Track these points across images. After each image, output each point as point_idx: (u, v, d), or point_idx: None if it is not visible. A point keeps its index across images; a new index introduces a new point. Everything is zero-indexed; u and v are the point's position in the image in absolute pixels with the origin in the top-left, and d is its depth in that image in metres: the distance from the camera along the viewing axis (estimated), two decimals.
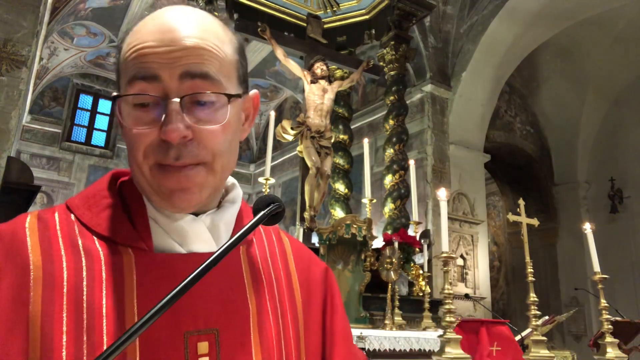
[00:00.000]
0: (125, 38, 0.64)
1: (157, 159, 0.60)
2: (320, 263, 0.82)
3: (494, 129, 8.77)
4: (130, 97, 0.60)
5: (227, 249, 0.53)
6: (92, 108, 10.91)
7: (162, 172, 0.60)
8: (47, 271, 0.57)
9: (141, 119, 0.60)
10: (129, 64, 0.61)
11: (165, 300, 0.48)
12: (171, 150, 0.59)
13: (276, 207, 0.59)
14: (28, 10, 3.98)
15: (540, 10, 7.12)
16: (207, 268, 0.51)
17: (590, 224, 3.18)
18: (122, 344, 0.44)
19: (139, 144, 0.60)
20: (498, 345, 2.88)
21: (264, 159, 3.95)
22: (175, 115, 0.58)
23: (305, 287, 0.75)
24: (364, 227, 3.76)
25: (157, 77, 0.59)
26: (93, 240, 0.62)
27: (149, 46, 0.60)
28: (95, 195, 0.66)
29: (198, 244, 0.65)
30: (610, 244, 8.12)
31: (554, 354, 3.36)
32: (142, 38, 0.61)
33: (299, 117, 5.20)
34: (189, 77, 0.60)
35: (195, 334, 0.60)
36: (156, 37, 0.60)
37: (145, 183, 0.62)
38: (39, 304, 0.55)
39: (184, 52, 0.60)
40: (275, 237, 0.78)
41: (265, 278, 0.70)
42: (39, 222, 0.62)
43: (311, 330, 0.73)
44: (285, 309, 0.70)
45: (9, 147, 3.71)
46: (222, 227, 0.68)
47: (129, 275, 0.60)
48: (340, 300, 0.80)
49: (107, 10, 8.24)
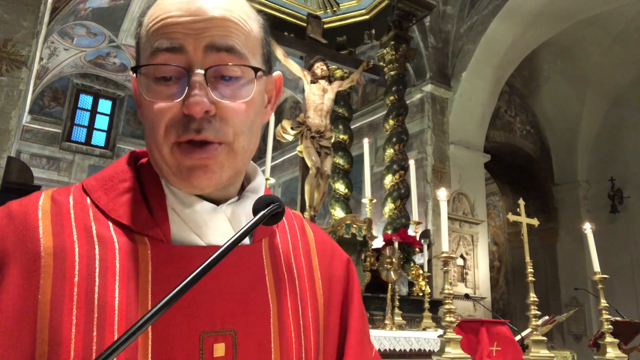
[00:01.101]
0: (147, 11, 0.61)
1: (178, 134, 0.57)
2: (342, 255, 0.78)
3: (494, 129, 8.77)
4: (151, 70, 0.58)
5: (231, 245, 0.51)
6: (92, 108, 10.91)
7: (181, 151, 0.57)
8: (58, 259, 0.54)
9: (163, 93, 0.58)
10: (150, 36, 0.59)
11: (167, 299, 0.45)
12: (192, 124, 0.57)
13: (276, 207, 0.58)
14: (28, 10, 3.98)
15: (540, 10, 7.12)
16: (210, 265, 0.48)
17: (590, 224, 3.18)
18: (126, 340, 0.42)
19: (160, 120, 0.57)
20: (498, 345, 2.88)
21: (264, 159, 3.94)
22: (199, 88, 0.56)
23: (327, 283, 0.72)
24: (364, 227, 3.76)
25: (181, 49, 0.57)
26: (108, 227, 0.58)
27: (173, 16, 0.58)
28: (113, 177, 0.63)
29: (218, 237, 0.61)
30: (610, 244, 8.12)
31: (554, 354, 3.36)
32: (165, 8, 0.59)
33: (299, 117, 5.20)
34: (214, 49, 0.58)
35: (212, 335, 0.57)
36: (181, 7, 0.58)
37: (164, 163, 0.59)
38: (48, 294, 0.52)
39: (209, 22, 0.58)
40: (298, 228, 0.75)
41: (287, 274, 0.67)
42: (53, 203, 0.59)
43: (330, 327, 0.70)
44: (307, 308, 0.67)
45: (9, 147, 3.71)
46: (244, 218, 0.64)
47: (144, 266, 0.57)
48: (359, 294, 0.76)
49: (107, 10, 8.24)
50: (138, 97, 0.62)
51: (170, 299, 0.45)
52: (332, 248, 0.77)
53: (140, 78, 0.59)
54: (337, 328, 0.71)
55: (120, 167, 0.64)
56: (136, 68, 0.59)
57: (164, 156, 0.58)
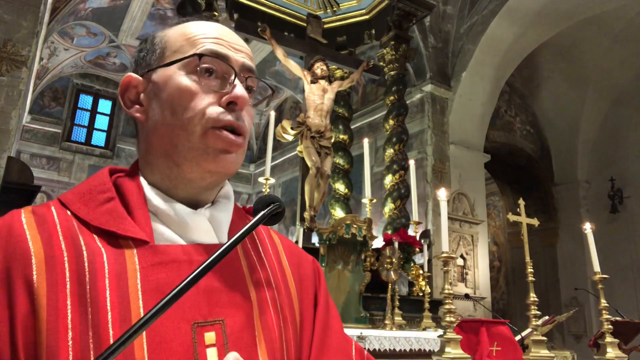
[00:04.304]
0: (166, 30, 0.74)
1: (219, 119, 0.67)
2: (307, 256, 0.84)
3: (494, 129, 8.77)
4: (195, 63, 0.68)
5: (232, 244, 0.55)
6: (92, 108, 10.90)
7: (216, 135, 0.67)
8: (49, 266, 0.57)
9: (207, 84, 0.68)
10: (194, 41, 0.70)
11: (173, 293, 0.49)
12: (233, 113, 0.68)
13: (276, 207, 0.60)
14: (28, 10, 3.98)
15: (540, 10, 7.12)
16: (214, 262, 0.52)
17: (590, 224, 3.18)
18: (130, 337, 0.44)
19: (200, 105, 0.67)
20: (498, 345, 2.88)
21: (264, 159, 3.95)
22: (243, 87, 0.70)
23: (298, 281, 0.77)
24: (364, 227, 3.76)
25: (227, 57, 0.70)
26: (92, 236, 0.62)
27: (219, 35, 0.72)
28: (91, 190, 0.67)
29: (199, 235, 0.67)
30: (610, 244, 8.12)
31: (554, 354, 3.36)
32: (208, 29, 0.72)
33: (299, 117, 5.20)
34: (246, 69, 0.73)
35: (202, 325, 0.61)
36: (222, 32, 0.73)
37: (189, 147, 0.66)
38: (44, 299, 0.55)
39: (242, 48, 0.74)
40: (266, 235, 0.81)
41: (262, 271, 0.72)
42: (35, 216, 0.62)
43: (305, 322, 0.75)
44: (284, 301, 0.72)
45: (9, 147, 3.71)
46: (222, 219, 0.71)
47: (132, 267, 0.60)
48: (325, 290, 0.82)
49: (107, 10, 8.24)
50: (156, 91, 0.69)
51: (173, 295, 0.48)
52: (298, 251, 0.84)
53: (165, 71, 0.69)
54: (311, 323, 0.76)
55: (98, 181, 0.69)
56: (199, 55, 0.69)
57: (193, 139, 0.66)
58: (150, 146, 0.69)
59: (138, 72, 0.72)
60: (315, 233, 4.51)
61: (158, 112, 0.68)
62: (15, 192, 3.67)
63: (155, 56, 0.71)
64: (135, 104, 0.71)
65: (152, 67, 0.70)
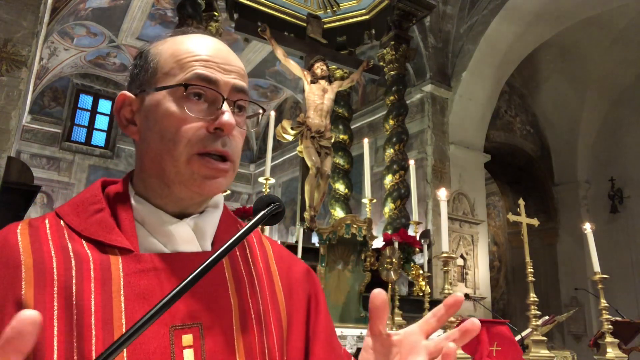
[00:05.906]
0: (159, 45, 0.73)
1: (204, 145, 0.67)
2: (301, 263, 0.85)
3: (494, 129, 8.77)
4: (182, 90, 0.68)
5: (227, 248, 0.55)
6: (92, 108, 10.90)
7: (202, 161, 0.67)
8: (38, 271, 0.61)
9: (193, 109, 0.68)
10: (183, 64, 0.70)
11: (163, 302, 0.50)
12: (219, 139, 0.68)
13: (276, 207, 0.61)
14: (28, 10, 3.98)
15: (540, 10, 7.12)
16: (208, 267, 0.53)
17: (590, 224, 3.18)
18: (120, 346, 0.45)
19: (186, 131, 0.67)
20: (498, 345, 2.88)
21: (264, 159, 3.94)
22: (230, 112, 0.69)
23: (287, 286, 0.78)
24: (364, 227, 3.76)
25: (217, 82, 0.70)
26: (82, 244, 0.66)
27: (209, 55, 0.71)
28: (83, 202, 0.71)
29: (182, 244, 0.70)
30: (610, 244, 8.12)
31: (554, 354, 3.36)
32: (198, 48, 0.71)
33: (299, 117, 5.20)
34: (236, 90, 0.72)
35: (180, 328, 0.63)
36: (212, 52, 0.72)
37: (175, 172, 0.68)
38: (31, 303, 0.58)
39: (233, 68, 0.72)
40: (256, 240, 0.82)
41: (246, 277, 0.74)
42: (30, 227, 0.66)
43: (295, 328, 0.75)
44: (267, 307, 0.73)
45: (9, 147, 3.71)
46: (205, 228, 0.73)
47: (116, 273, 0.63)
48: (324, 299, 0.82)
49: (107, 10, 8.24)
50: (146, 114, 0.71)
51: (169, 300, 0.50)
52: (289, 257, 0.85)
53: (155, 96, 0.70)
54: (303, 329, 0.77)
55: (91, 193, 0.73)
56: (185, 85, 0.68)
57: (179, 164, 0.68)
58: (143, 166, 0.72)
59: (132, 89, 0.74)
60: (315, 233, 4.51)
61: (149, 135, 0.70)
62: (15, 192, 3.67)
63: (147, 76, 0.72)
64: (131, 123, 0.73)
65: (143, 88, 0.72)
